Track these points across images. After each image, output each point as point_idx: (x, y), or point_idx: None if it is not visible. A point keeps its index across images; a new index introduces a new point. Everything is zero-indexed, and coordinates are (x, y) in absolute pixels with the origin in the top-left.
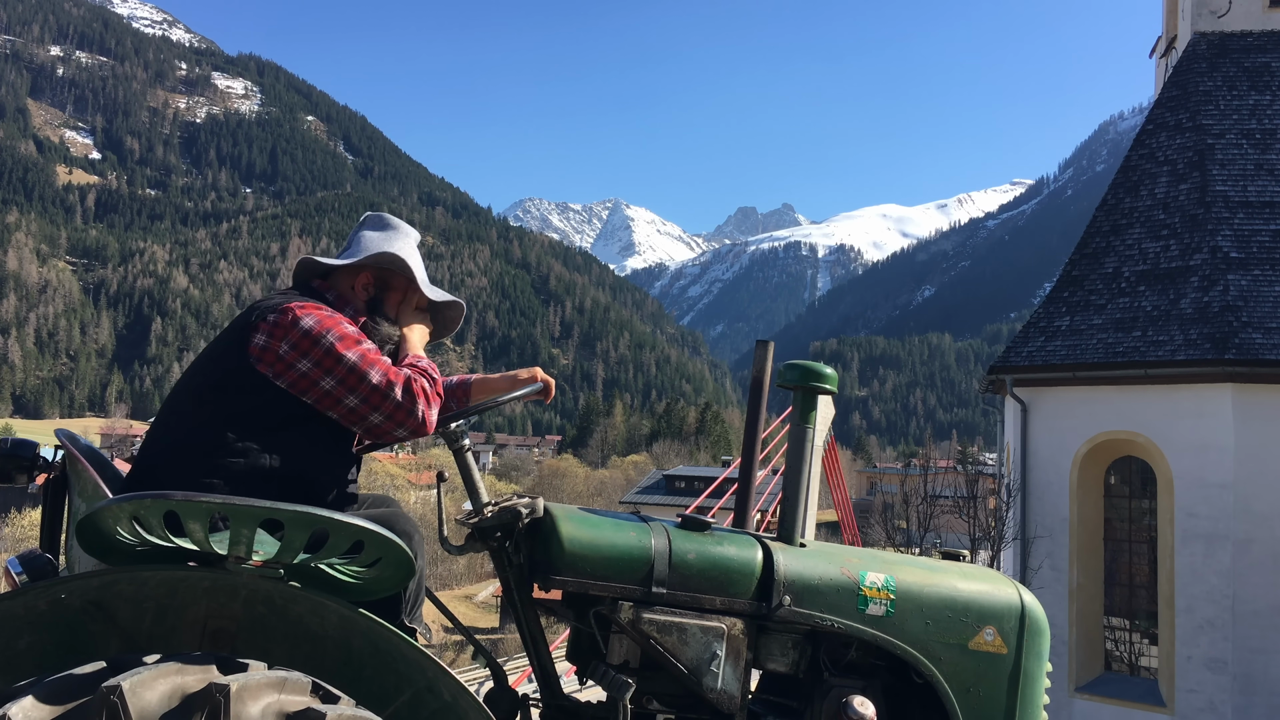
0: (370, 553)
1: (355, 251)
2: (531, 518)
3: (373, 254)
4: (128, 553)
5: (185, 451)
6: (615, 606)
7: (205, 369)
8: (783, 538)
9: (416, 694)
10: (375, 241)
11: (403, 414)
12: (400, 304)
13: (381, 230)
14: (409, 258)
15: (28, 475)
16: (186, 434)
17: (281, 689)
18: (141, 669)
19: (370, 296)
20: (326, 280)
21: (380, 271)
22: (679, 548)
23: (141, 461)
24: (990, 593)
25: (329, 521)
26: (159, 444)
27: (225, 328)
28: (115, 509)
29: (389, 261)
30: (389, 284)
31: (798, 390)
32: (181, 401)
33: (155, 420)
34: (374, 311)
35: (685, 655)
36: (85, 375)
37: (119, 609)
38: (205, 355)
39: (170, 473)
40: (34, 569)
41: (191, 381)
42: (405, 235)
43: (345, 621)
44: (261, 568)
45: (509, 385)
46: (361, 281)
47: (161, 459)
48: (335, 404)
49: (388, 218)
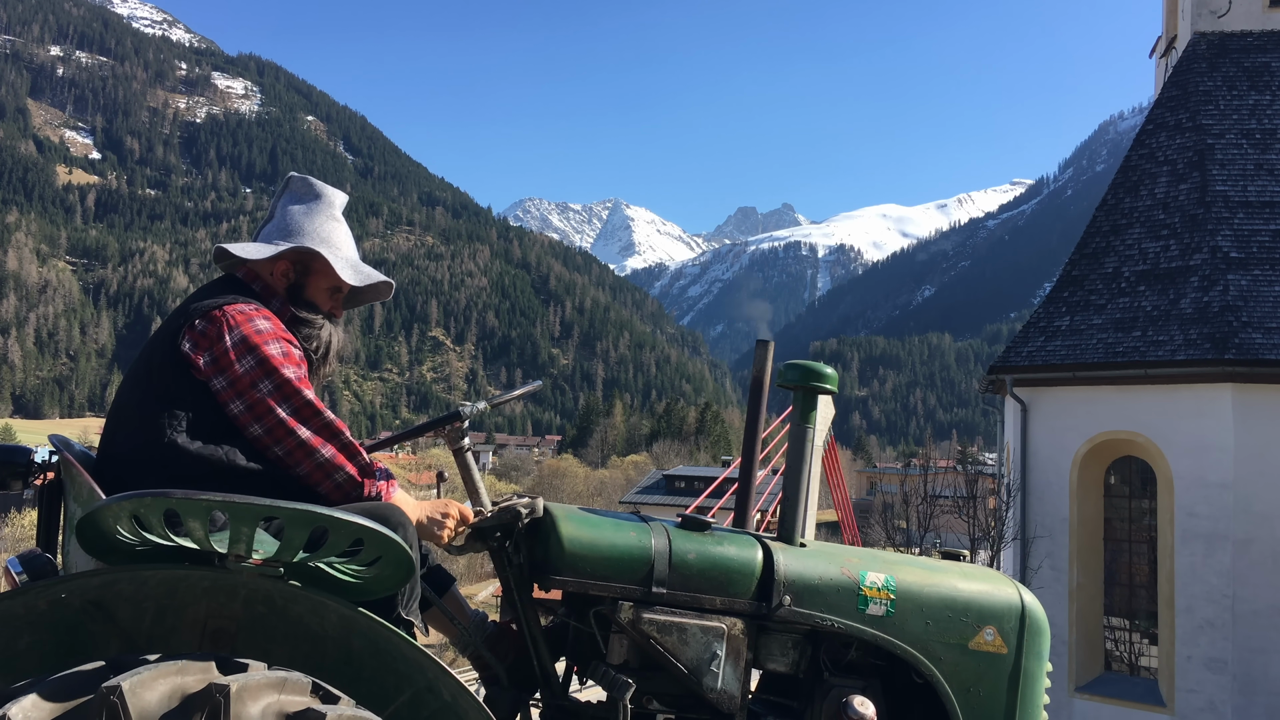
0: (370, 551)
1: (272, 232)
2: (531, 518)
3: (287, 247)
4: (127, 552)
5: (151, 454)
6: (615, 606)
7: (150, 373)
8: (783, 538)
9: (417, 694)
10: (295, 219)
11: (301, 454)
12: (326, 288)
13: (302, 204)
14: (329, 240)
15: (23, 481)
16: (147, 437)
17: (281, 689)
18: (141, 669)
19: (291, 283)
20: (249, 267)
21: (300, 255)
22: (679, 548)
23: (107, 467)
24: (990, 592)
25: (328, 519)
26: (121, 449)
27: (161, 328)
28: (115, 508)
29: (305, 254)
30: (310, 268)
31: (798, 390)
32: (137, 404)
33: (109, 425)
34: (296, 298)
35: (685, 655)
36: (85, 375)
37: (119, 608)
38: (145, 359)
39: (142, 476)
40: (34, 569)
41: (140, 385)
42: (326, 207)
43: (345, 621)
44: (261, 566)
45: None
46: (280, 269)
47: (130, 463)
48: (244, 428)
49: (309, 185)
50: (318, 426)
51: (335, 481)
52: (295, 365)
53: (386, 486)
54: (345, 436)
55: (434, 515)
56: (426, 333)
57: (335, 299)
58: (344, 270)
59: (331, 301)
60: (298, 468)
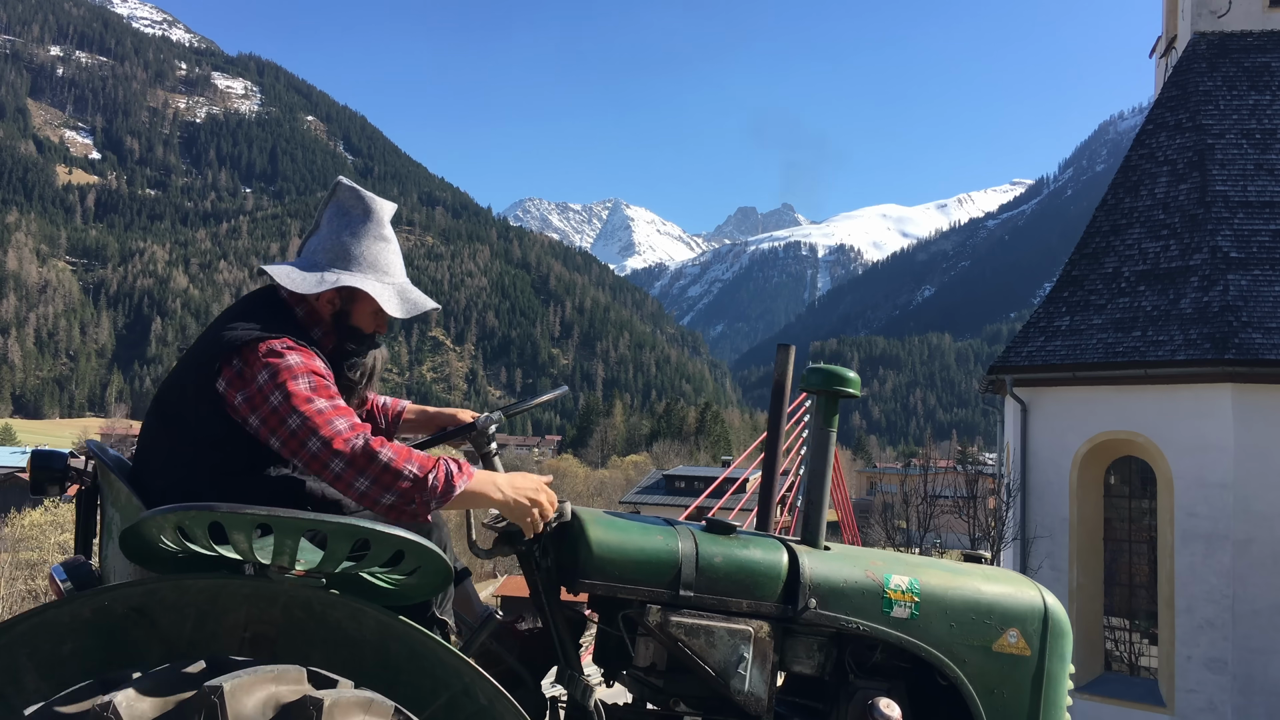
0: (410, 562)
1: (318, 251)
2: (560, 522)
3: (334, 285)
4: (169, 560)
5: (189, 474)
6: (643, 610)
7: (181, 400)
8: (807, 541)
9: (453, 697)
10: (343, 245)
11: (341, 484)
12: (371, 311)
13: (349, 222)
14: (376, 264)
15: (59, 486)
16: (182, 455)
17: (368, 710)
18: (241, 672)
19: (336, 310)
20: (293, 292)
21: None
22: (706, 551)
23: (146, 476)
24: (1013, 595)
25: (371, 532)
26: (157, 465)
27: (197, 350)
28: (160, 519)
29: (351, 293)
30: (355, 295)
31: (820, 394)
32: (169, 429)
33: (145, 436)
34: (342, 326)
35: (713, 658)
36: (85, 375)
37: (161, 615)
38: (177, 382)
39: (178, 485)
40: (78, 576)
41: (174, 403)
42: (375, 226)
43: (383, 626)
44: (304, 577)
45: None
46: (326, 297)
47: (170, 485)
48: (286, 459)
49: (358, 198)
50: (354, 452)
51: (386, 506)
52: (327, 398)
53: (444, 487)
54: (384, 453)
55: (525, 502)
56: (426, 333)
57: (379, 319)
58: (390, 304)
59: (376, 323)
60: (349, 492)
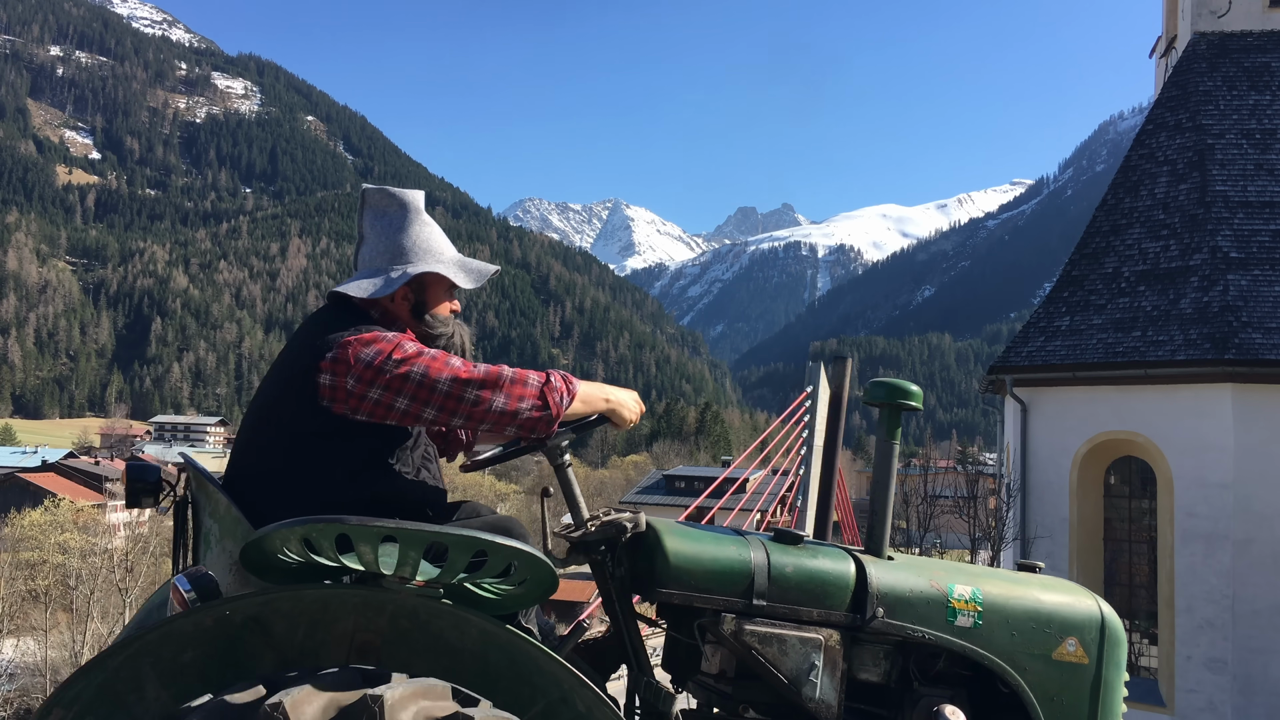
0: (521, 572)
1: (373, 256)
2: (635, 532)
3: (402, 280)
4: (284, 571)
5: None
6: (718, 618)
7: (278, 415)
8: (871, 550)
9: (550, 704)
10: (394, 240)
11: (480, 409)
12: (443, 290)
13: (389, 219)
14: (430, 249)
15: (154, 498)
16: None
17: (427, 695)
18: (398, 684)
19: (413, 303)
20: (365, 299)
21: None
22: (777, 561)
23: (241, 492)
24: (1072, 604)
25: (489, 544)
26: (255, 471)
27: (288, 359)
28: (287, 532)
29: (420, 283)
30: (424, 282)
31: (884, 408)
32: (271, 442)
33: (240, 450)
34: (419, 317)
35: (785, 666)
36: (85, 375)
37: (275, 625)
38: (269, 399)
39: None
40: (201, 587)
41: (272, 414)
42: (415, 215)
43: (486, 635)
44: (423, 588)
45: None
46: (400, 294)
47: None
48: (416, 419)
49: (389, 197)
50: (483, 376)
51: (525, 417)
52: (432, 350)
53: (566, 388)
54: (505, 371)
55: (630, 403)
56: None
57: (452, 295)
58: (460, 278)
59: (451, 301)
60: (488, 415)
